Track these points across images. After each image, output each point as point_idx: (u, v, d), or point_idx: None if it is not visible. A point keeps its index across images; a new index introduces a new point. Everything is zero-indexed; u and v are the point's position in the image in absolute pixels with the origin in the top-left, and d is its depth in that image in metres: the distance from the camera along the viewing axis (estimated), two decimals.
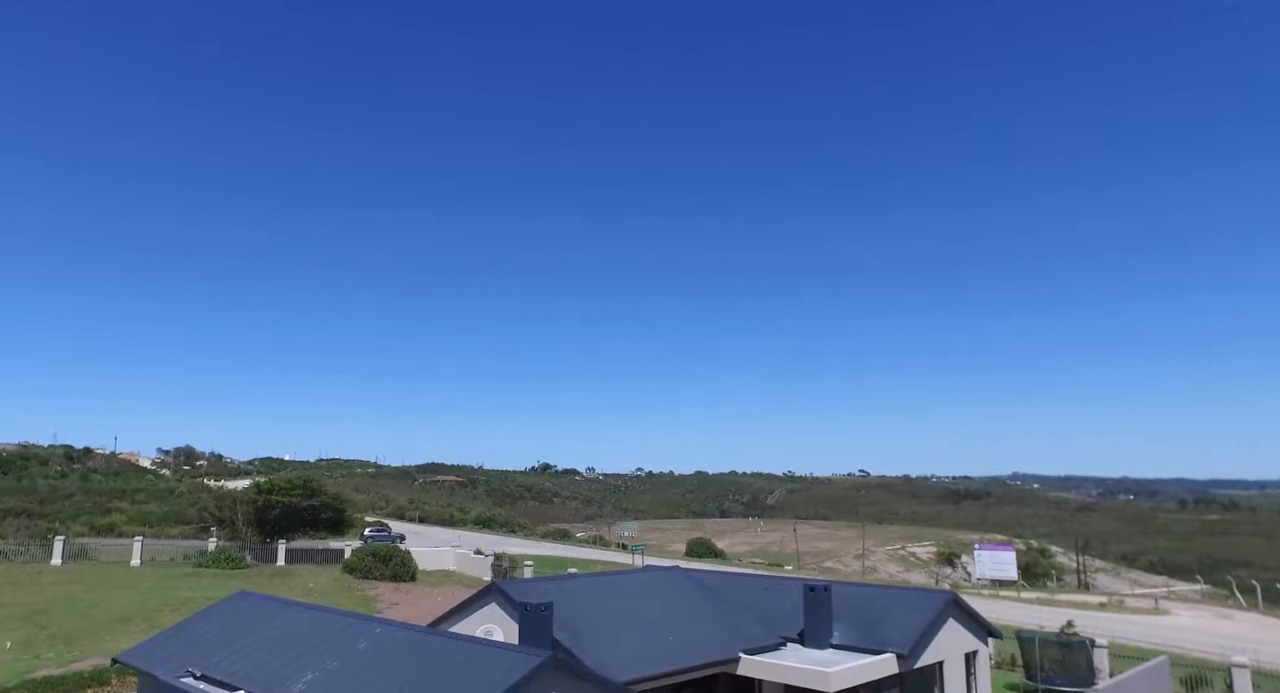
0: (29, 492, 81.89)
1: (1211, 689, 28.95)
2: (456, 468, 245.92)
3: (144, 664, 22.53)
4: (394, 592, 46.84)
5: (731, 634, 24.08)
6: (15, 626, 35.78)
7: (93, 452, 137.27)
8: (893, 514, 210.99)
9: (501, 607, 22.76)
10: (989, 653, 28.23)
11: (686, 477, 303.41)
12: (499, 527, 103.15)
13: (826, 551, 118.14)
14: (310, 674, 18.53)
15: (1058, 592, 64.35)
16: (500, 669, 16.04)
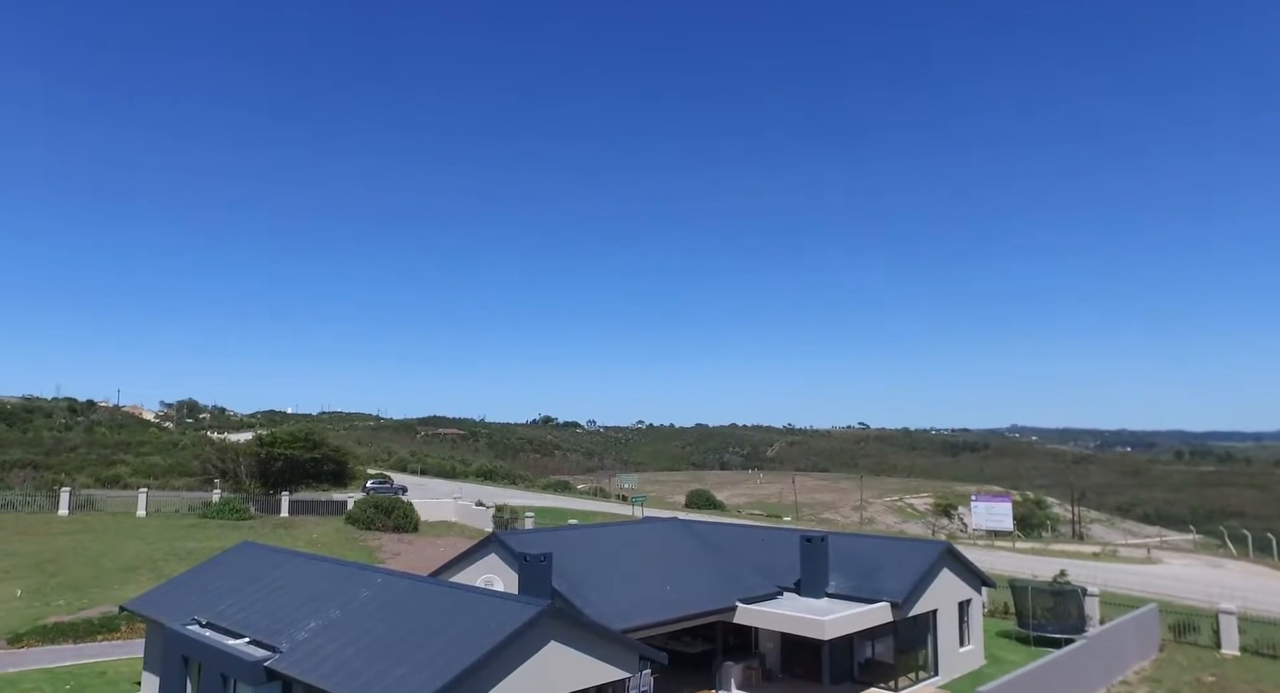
0: (34, 444, 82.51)
1: (1199, 634, 29.49)
2: (458, 421, 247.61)
3: (151, 612, 22.90)
4: (396, 542, 47.48)
5: (729, 584, 24.42)
6: (25, 574, 36.35)
7: (96, 405, 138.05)
8: (891, 466, 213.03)
9: (501, 557, 23.04)
10: (982, 602, 28.68)
11: (687, 429, 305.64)
12: (500, 479, 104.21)
13: (825, 502, 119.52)
14: (314, 622, 18.82)
15: (1052, 542, 65.23)
16: (500, 618, 16.28)
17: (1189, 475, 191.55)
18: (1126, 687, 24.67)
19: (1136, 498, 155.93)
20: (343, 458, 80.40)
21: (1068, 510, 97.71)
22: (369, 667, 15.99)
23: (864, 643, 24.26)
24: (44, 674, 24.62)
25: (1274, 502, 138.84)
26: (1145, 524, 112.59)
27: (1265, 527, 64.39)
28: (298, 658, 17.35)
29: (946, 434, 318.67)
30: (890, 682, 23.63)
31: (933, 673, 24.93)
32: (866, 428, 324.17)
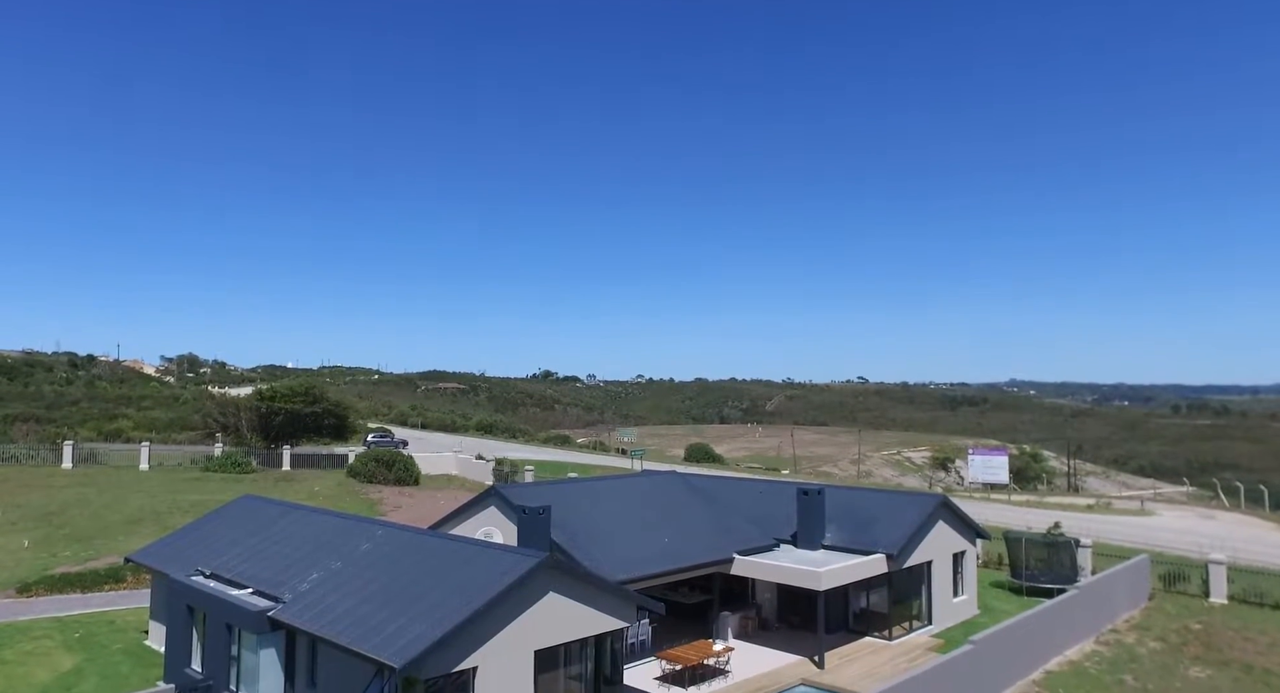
0: (35, 398, 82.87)
1: (1188, 584, 29.95)
2: (458, 375, 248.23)
3: (156, 563, 23.20)
4: (397, 495, 47.94)
5: (726, 536, 24.69)
6: (31, 525, 36.78)
7: (96, 359, 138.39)
8: (889, 420, 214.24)
9: (501, 510, 23.24)
10: (977, 553, 29.06)
11: (686, 384, 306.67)
12: (500, 432, 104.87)
13: (823, 456, 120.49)
14: (316, 574, 19.05)
15: (1048, 495, 65.90)
16: (499, 569, 16.47)
17: (1185, 429, 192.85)
18: (1116, 635, 25.13)
19: (1132, 451, 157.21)
20: (343, 412, 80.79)
21: (1064, 464, 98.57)
22: (371, 616, 16.23)
23: (859, 594, 24.63)
24: (54, 623, 25.05)
25: (1268, 454, 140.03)
26: (1140, 477, 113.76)
27: (1259, 479, 64.95)
28: (300, 608, 17.60)
29: (945, 388, 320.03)
30: (884, 631, 24.05)
31: (926, 623, 25.36)
32: (865, 382, 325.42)
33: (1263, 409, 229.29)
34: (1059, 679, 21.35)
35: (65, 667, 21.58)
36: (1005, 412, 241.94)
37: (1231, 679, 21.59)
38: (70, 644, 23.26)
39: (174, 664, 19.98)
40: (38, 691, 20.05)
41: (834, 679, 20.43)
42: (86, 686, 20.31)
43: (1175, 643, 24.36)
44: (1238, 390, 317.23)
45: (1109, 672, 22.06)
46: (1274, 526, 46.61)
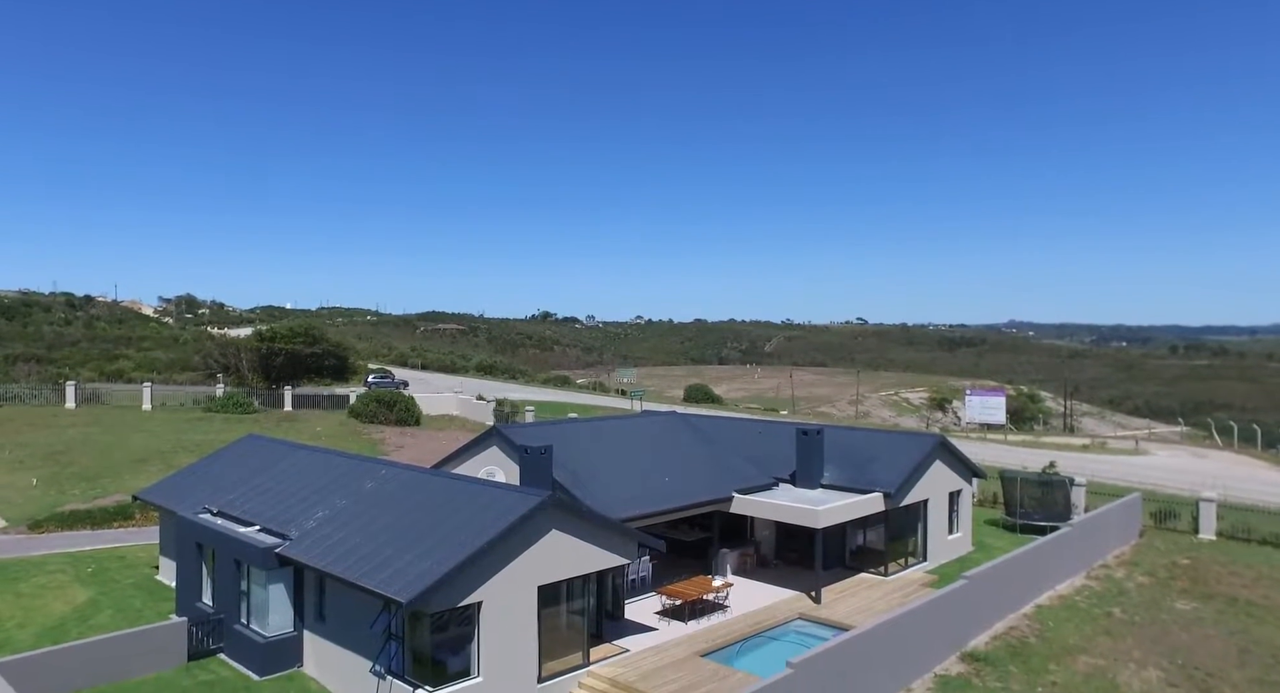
0: (35, 338, 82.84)
1: (1179, 521, 30.50)
2: (457, 316, 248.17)
3: (164, 501, 23.53)
4: (399, 436, 48.36)
5: (725, 475, 24.99)
6: (38, 464, 37.19)
7: (94, 299, 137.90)
8: (888, 361, 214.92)
9: (503, 450, 23.46)
10: (973, 492, 29.49)
11: (686, 325, 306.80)
12: (500, 374, 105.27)
13: (822, 396, 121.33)
14: (321, 512, 19.33)
15: (1044, 435, 66.61)
16: (502, 507, 16.70)
17: (1182, 369, 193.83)
18: (1106, 570, 25.68)
19: (1129, 392, 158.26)
20: (343, 353, 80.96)
21: (1061, 404, 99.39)
22: (376, 553, 16.53)
23: (856, 531, 25.07)
24: (66, 558, 25.54)
25: (1263, 394, 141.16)
26: (1135, 417, 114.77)
27: (1252, 418, 65.67)
28: (307, 545, 17.92)
29: (944, 330, 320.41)
30: (880, 568, 24.55)
31: (921, 559, 25.88)
32: (865, 323, 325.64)
33: (1260, 350, 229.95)
34: (1049, 613, 21.90)
35: (80, 600, 22.09)
36: (1003, 353, 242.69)
37: (1216, 611, 22.16)
38: (83, 579, 23.76)
39: (185, 599, 20.44)
40: (55, 622, 20.56)
41: (830, 614, 20.95)
42: (102, 618, 20.82)
43: (1163, 578, 24.91)
44: (1235, 331, 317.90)
45: (1098, 605, 22.61)
46: (1266, 464, 47.25)
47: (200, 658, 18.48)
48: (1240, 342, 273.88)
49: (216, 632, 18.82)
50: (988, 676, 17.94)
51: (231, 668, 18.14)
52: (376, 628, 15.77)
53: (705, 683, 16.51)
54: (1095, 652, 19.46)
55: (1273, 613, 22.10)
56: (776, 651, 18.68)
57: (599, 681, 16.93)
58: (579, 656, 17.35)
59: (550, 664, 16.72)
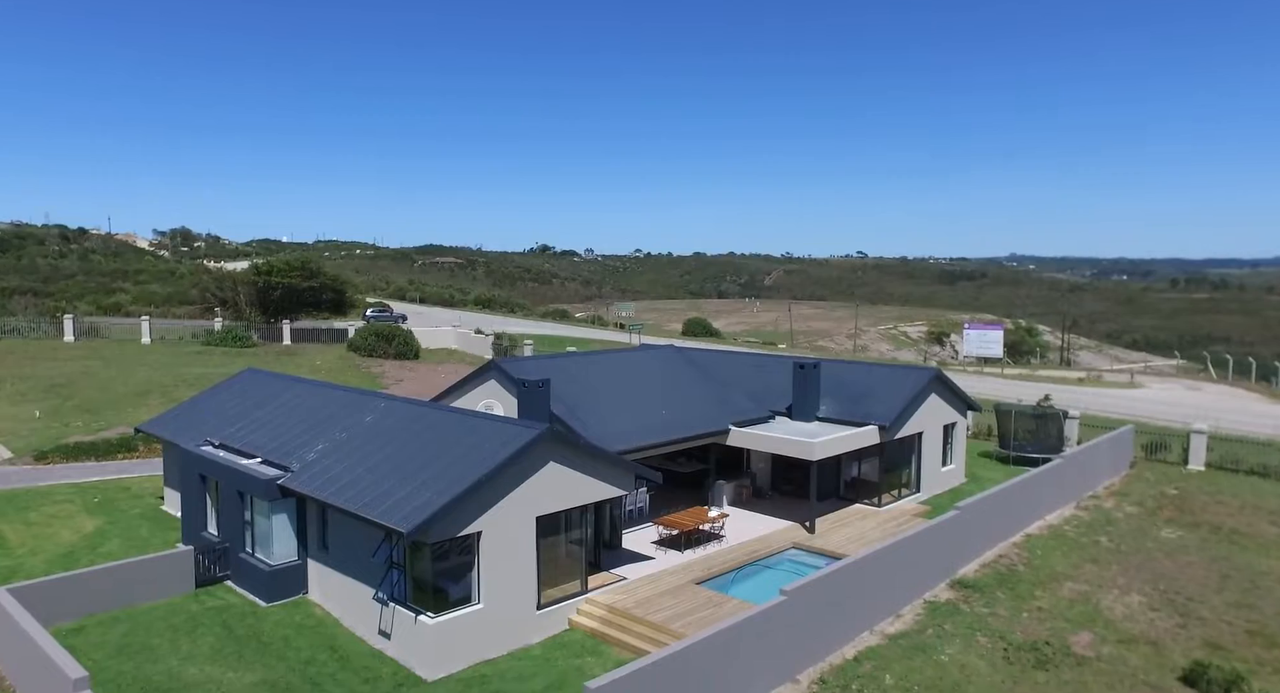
0: (30, 271, 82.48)
1: (1169, 453, 30.91)
2: (455, 250, 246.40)
3: (166, 434, 23.77)
4: (398, 369, 48.58)
5: (723, 408, 25.19)
6: (40, 397, 37.45)
7: (88, 232, 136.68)
8: (888, 295, 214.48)
9: (501, 383, 23.57)
10: (967, 425, 29.78)
11: (685, 258, 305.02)
12: (499, 307, 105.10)
13: (820, 330, 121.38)
14: (321, 444, 19.53)
15: (1040, 368, 66.92)
16: (501, 440, 16.86)
17: (1182, 303, 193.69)
18: (1095, 500, 26.16)
19: (1127, 325, 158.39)
20: (340, 287, 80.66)
21: (1058, 338, 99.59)
22: (377, 485, 16.77)
23: (851, 463, 25.41)
24: (73, 489, 25.97)
25: (1260, 327, 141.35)
26: (1132, 351, 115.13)
27: (1249, 351, 65.85)
28: (309, 477, 18.17)
29: (944, 263, 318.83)
30: (874, 499, 24.98)
31: (915, 490, 26.31)
32: (865, 257, 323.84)
33: (1261, 282, 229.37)
34: (1038, 542, 22.39)
35: (88, 529, 22.54)
36: (1003, 286, 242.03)
37: (1200, 539, 22.66)
38: (90, 508, 24.20)
39: (190, 528, 20.84)
40: (65, 550, 21.02)
41: (824, 543, 21.40)
42: (110, 546, 21.27)
43: (1151, 507, 25.39)
44: (1238, 264, 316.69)
45: (1086, 534, 23.10)
46: (1258, 396, 47.64)
47: (207, 585, 18.96)
48: (1241, 274, 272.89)
49: (222, 560, 19.26)
50: (975, 602, 18.44)
51: (238, 595, 18.62)
52: (378, 557, 16.12)
53: (700, 610, 16.97)
54: (1081, 579, 19.97)
55: (1254, 540, 22.61)
56: (770, 579, 19.14)
57: (597, 607, 17.40)
58: (577, 584, 17.78)
59: (549, 592, 17.15)
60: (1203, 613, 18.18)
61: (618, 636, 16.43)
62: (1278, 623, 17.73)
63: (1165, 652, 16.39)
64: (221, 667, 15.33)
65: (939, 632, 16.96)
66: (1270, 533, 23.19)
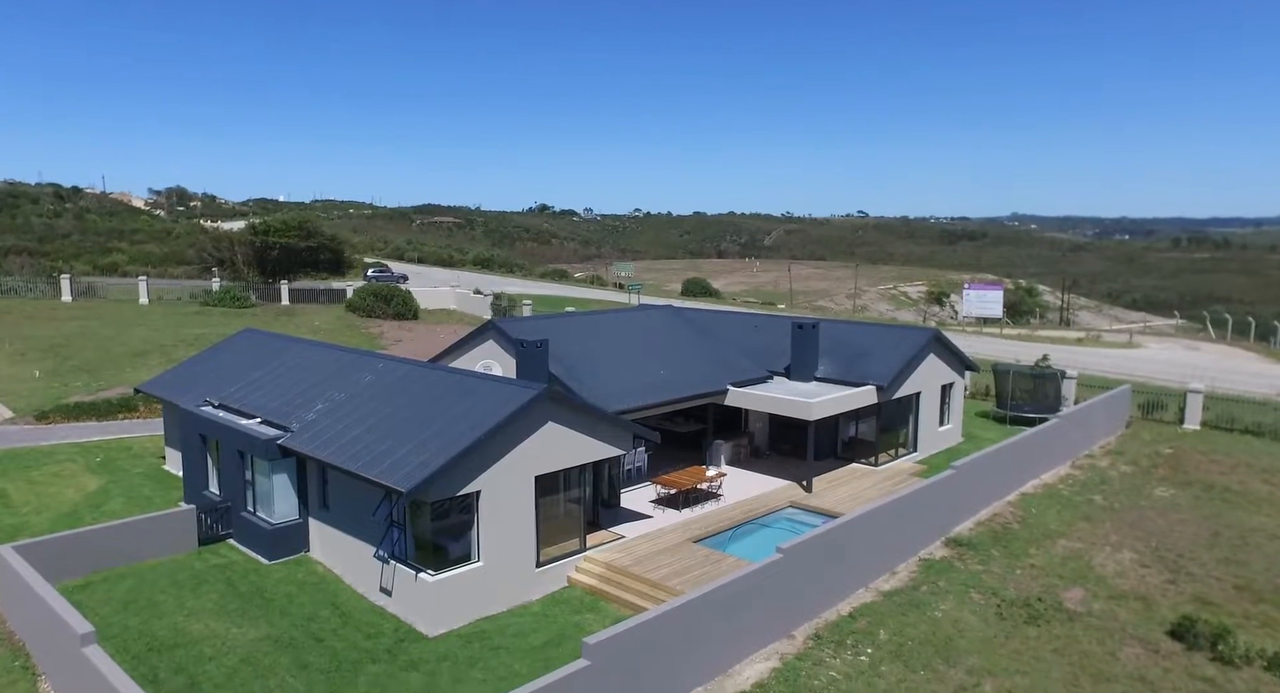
0: (25, 230, 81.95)
1: (1165, 412, 31.07)
2: (453, 209, 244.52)
3: (166, 394, 23.83)
4: (397, 329, 48.57)
5: (721, 368, 25.22)
6: (39, 357, 37.48)
7: (82, 191, 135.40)
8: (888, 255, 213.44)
9: (499, 343, 23.56)
10: (965, 385, 29.86)
11: (685, 218, 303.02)
12: (497, 267, 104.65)
13: (820, 290, 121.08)
14: (321, 404, 19.59)
15: (1039, 329, 66.97)
16: (499, 400, 16.91)
17: (1183, 263, 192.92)
18: (1091, 459, 26.35)
19: (1127, 285, 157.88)
20: (338, 247, 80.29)
21: (1058, 298, 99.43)
22: (377, 444, 16.86)
23: (848, 423, 25.52)
24: (75, 448, 26.11)
25: (1262, 287, 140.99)
26: (1132, 311, 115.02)
27: (1249, 311, 65.79)
28: (309, 437, 18.25)
29: (945, 223, 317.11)
30: (871, 458, 25.15)
31: (912, 450, 26.48)
32: (865, 216, 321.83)
33: (1263, 242, 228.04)
34: (1032, 500, 22.61)
35: (91, 488, 22.72)
36: (1004, 246, 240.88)
37: (1192, 497, 22.88)
38: (93, 468, 24.36)
39: (192, 487, 21.01)
40: (69, 508, 21.21)
41: (820, 502, 21.60)
42: (113, 505, 21.46)
43: (1145, 466, 25.59)
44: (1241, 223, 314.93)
45: (1080, 493, 23.32)
46: (1255, 356, 47.74)
47: (210, 543, 19.17)
48: (1245, 234, 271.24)
49: (225, 519, 19.45)
50: (970, 559, 18.68)
51: (241, 553, 18.85)
52: (379, 516, 16.27)
53: (698, 567, 17.19)
54: (1074, 536, 20.21)
55: (1246, 498, 22.84)
56: (767, 537, 19.36)
57: (595, 565, 17.62)
58: (576, 542, 17.98)
59: (548, 550, 17.35)
60: (1193, 569, 18.43)
61: (616, 593, 16.67)
62: (1265, 578, 17.99)
63: (1155, 607, 16.65)
64: (226, 622, 15.58)
65: (933, 588, 17.21)
66: (1262, 491, 23.41)
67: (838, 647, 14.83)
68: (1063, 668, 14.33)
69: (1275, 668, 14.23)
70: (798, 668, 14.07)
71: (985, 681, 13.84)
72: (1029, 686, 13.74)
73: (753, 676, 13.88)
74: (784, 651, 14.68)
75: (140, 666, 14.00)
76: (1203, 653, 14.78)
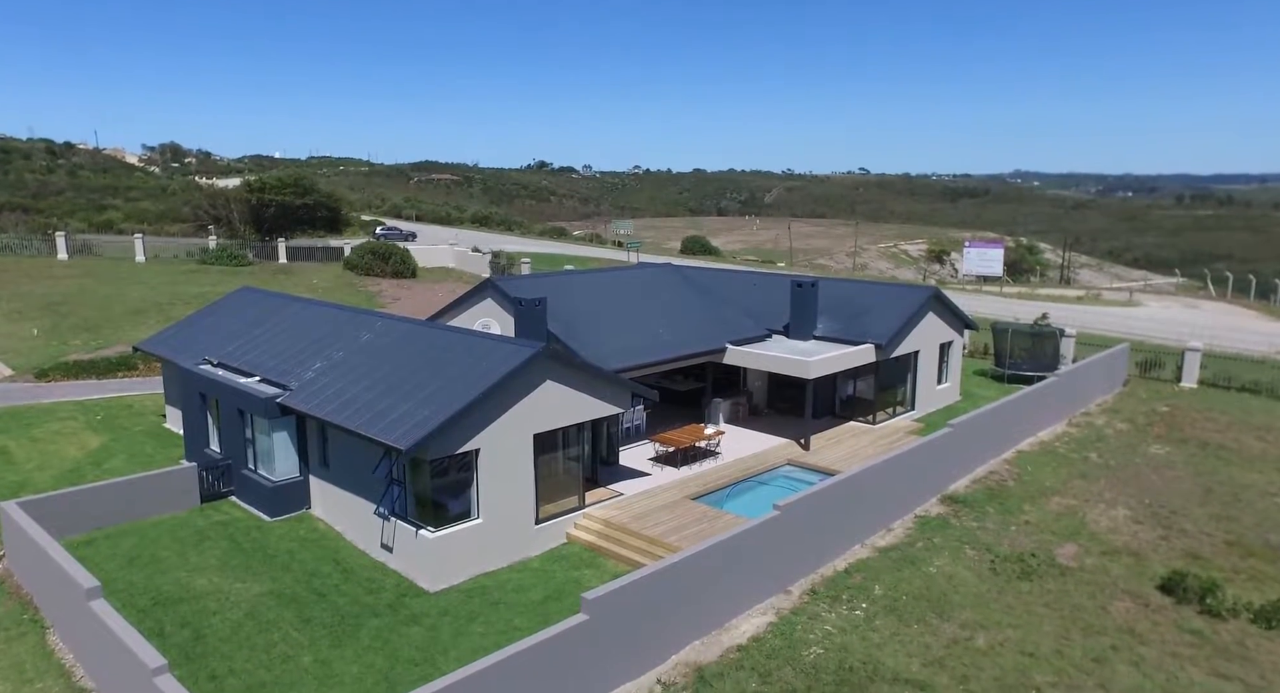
0: (18, 186, 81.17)
1: (1163, 370, 31.13)
2: (451, 166, 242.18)
3: (165, 352, 23.83)
4: (395, 288, 48.40)
5: (720, 327, 25.19)
6: (37, 315, 37.40)
7: (74, 147, 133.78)
8: (889, 213, 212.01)
9: (498, 302, 23.48)
10: (963, 343, 29.86)
11: (684, 175, 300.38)
12: (496, 225, 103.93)
13: (820, 248, 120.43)
14: (319, 363, 19.60)
15: (1039, 287, 66.75)
16: (498, 358, 16.90)
17: (1185, 220, 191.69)
18: (1087, 417, 26.47)
19: (1129, 243, 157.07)
20: (335, 204, 79.58)
21: (1059, 256, 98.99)
22: (376, 402, 16.89)
23: (847, 381, 25.58)
24: (75, 406, 26.20)
25: (1264, 244, 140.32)
26: (1133, 269, 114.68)
27: (1250, 269, 65.45)
28: (308, 395, 18.29)
29: (947, 180, 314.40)
30: (869, 416, 25.25)
31: (910, 408, 26.58)
32: (866, 173, 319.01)
33: (1268, 198, 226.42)
34: (1028, 458, 22.77)
35: (93, 445, 22.85)
36: (1006, 204, 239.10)
37: (1187, 455, 23.05)
38: (94, 426, 24.48)
39: (193, 445, 21.13)
40: (71, 465, 21.36)
41: (818, 460, 21.74)
42: (115, 462, 21.61)
43: (1141, 424, 25.73)
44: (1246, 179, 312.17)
45: (1075, 450, 23.47)
46: (1256, 314, 47.71)
47: (212, 500, 19.35)
48: (1249, 190, 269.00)
49: (226, 476, 19.59)
50: (965, 516, 18.88)
51: (243, 510, 19.03)
52: (379, 474, 16.38)
53: (695, 524, 17.37)
54: (1069, 493, 20.39)
55: (1240, 455, 23.00)
56: (765, 494, 19.52)
57: (594, 522, 17.80)
58: (575, 499, 18.14)
59: (547, 507, 17.51)
60: (1185, 525, 18.63)
61: (614, 549, 16.87)
62: (1255, 534, 18.21)
63: (1146, 562, 16.87)
64: (229, 578, 15.79)
65: (928, 545, 17.42)
66: (1256, 448, 23.57)
67: (833, 602, 15.06)
68: (1054, 621, 14.57)
69: (1261, 620, 14.47)
70: (793, 622, 14.31)
71: (978, 634, 14.09)
72: (1020, 639, 13.98)
73: (749, 630, 14.12)
74: (780, 605, 14.91)
75: (146, 619, 14.23)
76: (1191, 606, 15.01)
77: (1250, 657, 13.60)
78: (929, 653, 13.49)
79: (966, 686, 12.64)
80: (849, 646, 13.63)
